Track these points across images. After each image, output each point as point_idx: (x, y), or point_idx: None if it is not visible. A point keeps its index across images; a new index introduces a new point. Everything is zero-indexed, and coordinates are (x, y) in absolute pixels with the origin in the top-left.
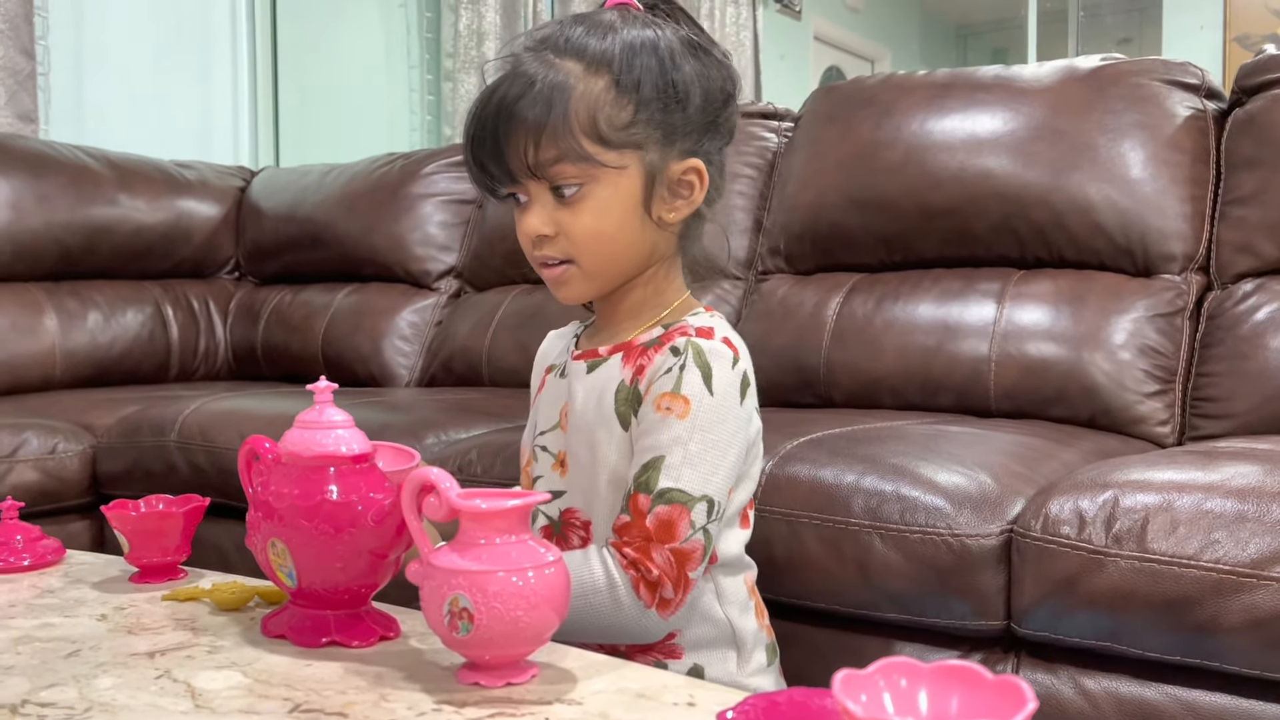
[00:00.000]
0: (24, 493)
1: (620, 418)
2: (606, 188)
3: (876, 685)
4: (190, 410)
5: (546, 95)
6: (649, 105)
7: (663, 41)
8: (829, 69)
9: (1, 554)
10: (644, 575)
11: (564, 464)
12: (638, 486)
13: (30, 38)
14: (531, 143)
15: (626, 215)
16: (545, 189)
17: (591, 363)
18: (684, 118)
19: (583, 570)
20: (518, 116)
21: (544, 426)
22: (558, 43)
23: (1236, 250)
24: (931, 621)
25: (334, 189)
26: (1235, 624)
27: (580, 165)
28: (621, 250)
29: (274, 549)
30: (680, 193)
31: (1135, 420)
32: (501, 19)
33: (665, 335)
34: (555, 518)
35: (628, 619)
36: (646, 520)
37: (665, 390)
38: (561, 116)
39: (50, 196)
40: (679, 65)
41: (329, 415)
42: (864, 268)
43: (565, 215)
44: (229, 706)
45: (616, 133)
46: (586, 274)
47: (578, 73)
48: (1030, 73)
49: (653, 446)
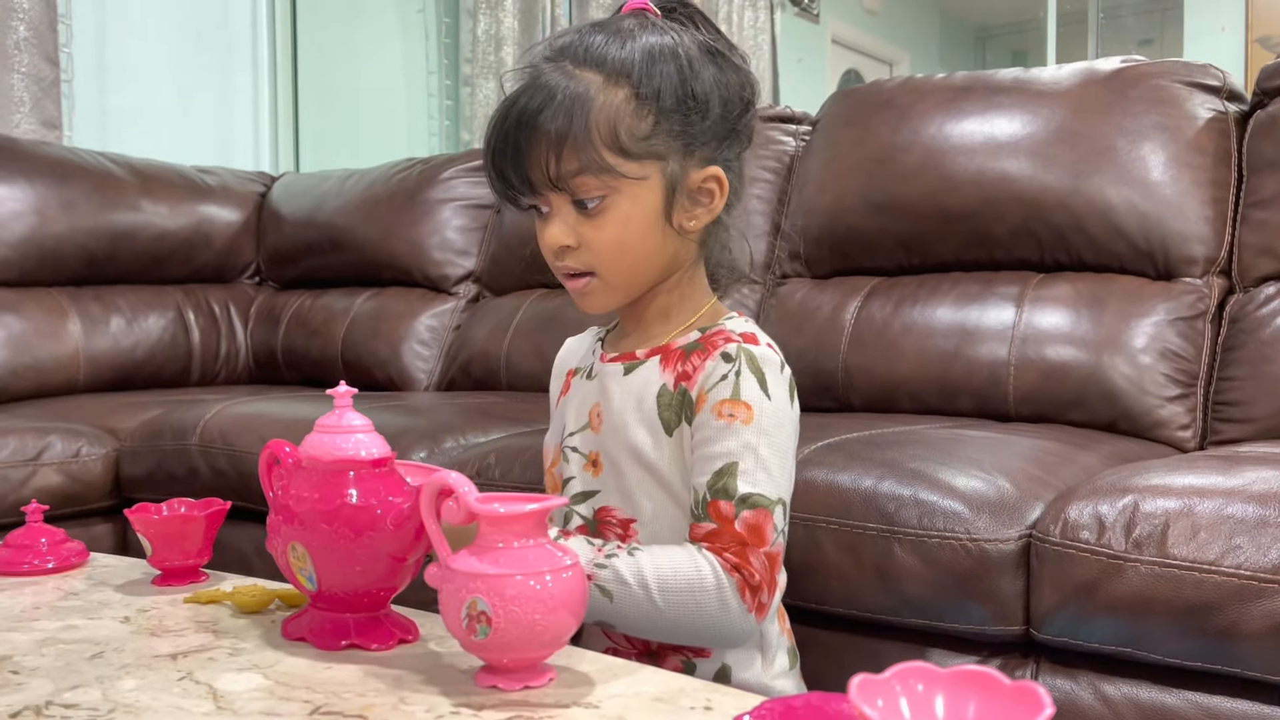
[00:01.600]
0: (48, 496)
1: (664, 422)
2: (628, 199)
3: (893, 690)
4: (212, 414)
5: (567, 107)
6: (669, 115)
7: (682, 49)
8: (847, 72)
9: (26, 557)
10: (747, 580)
11: (596, 464)
12: (715, 494)
13: (54, 46)
14: (553, 155)
15: (648, 226)
16: (567, 200)
17: (629, 365)
18: (704, 126)
19: (689, 567)
20: (539, 129)
21: (573, 428)
22: (577, 52)
23: (1258, 253)
24: (950, 627)
25: (353, 194)
26: (1256, 630)
27: (602, 177)
28: (643, 260)
29: (294, 552)
30: (701, 201)
31: (1156, 425)
32: (519, 24)
33: (706, 340)
34: (590, 516)
35: (733, 620)
36: (735, 525)
37: (724, 397)
38: (583, 129)
39: (74, 202)
40: (698, 73)
41: (349, 419)
42: (882, 271)
43: (587, 227)
44: (250, 708)
45: (637, 143)
46: (609, 285)
47: (598, 84)
48: (1049, 75)
49: (722, 453)
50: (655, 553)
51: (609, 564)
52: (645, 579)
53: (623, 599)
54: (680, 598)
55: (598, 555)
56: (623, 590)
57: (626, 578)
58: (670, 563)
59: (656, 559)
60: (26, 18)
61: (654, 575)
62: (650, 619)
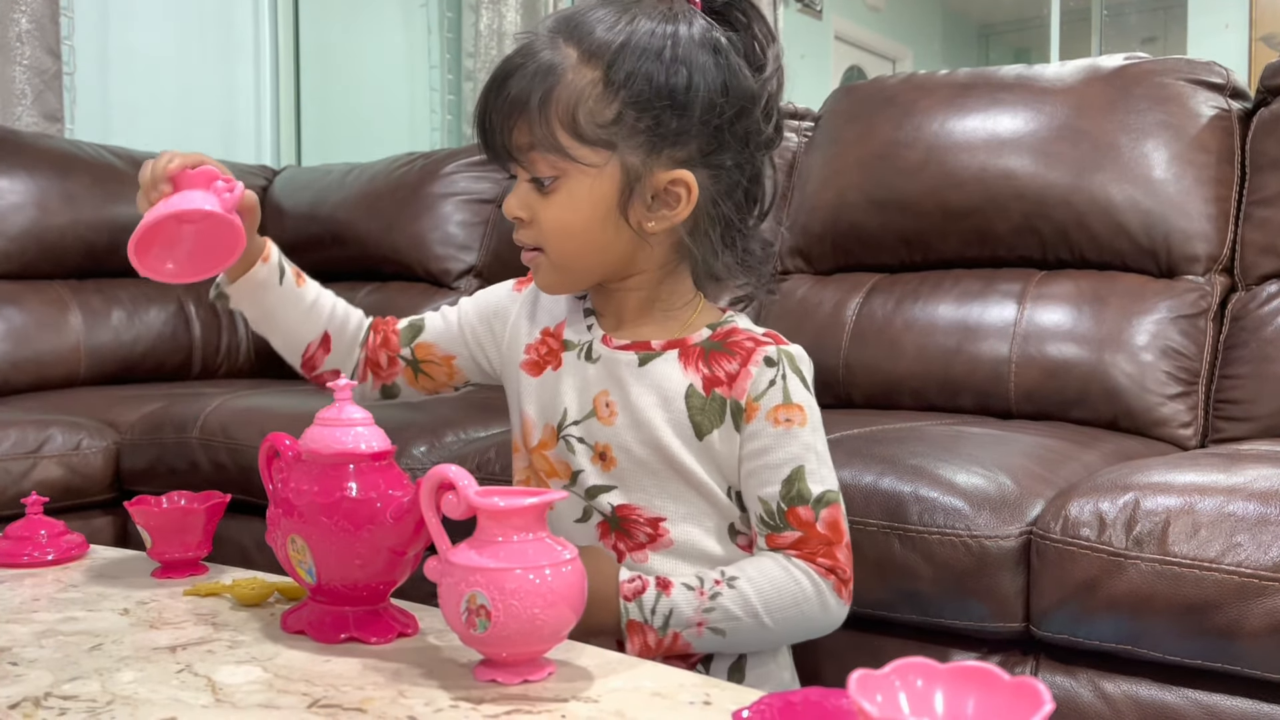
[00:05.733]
0: (48, 488)
1: (695, 425)
2: (580, 184)
3: (892, 686)
4: (212, 407)
5: (530, 78)
6: (637, 107)
7: (675, 41)
8: (850, 68)
9: (26, 549)
10: (841, 577)
11: (605, 458)
12: (791, 501)
13: (56, 38)
14: (508, 125)
15: (596, 215)
16: (527, 174)
17: (644, 356)
18: (678, 125)
19: (788, 582)
20: (503, 95)
21: (576, 416)
22: (570, 24)
23: (1261, 251)
24: (950, 623)
25: (355, 188)
26: (1257, 628)
27: (550, 156)
28: (590, 249)
29: (294, 545)
30: (667, 202)
31: (1157, 422)
32: (522, 18)
33: (729, 342)
34: (609, 514)
35: (832, 617)
36: (818, 528)
37: (777, 403)
38: (540, 103)
39: (76, 195)
40: (681, 69)
41: (349, 413)
42: (884, 268)
43: (539, 203)
44: (249, 701)
45: (595, 129)
46: (554, 266)
47: (572, 61)
48: (1053, 72)
49: (787, 460)
50: (753, 576)
51: (715, 604)
52: (753, 607)
53: (735, 632)
54: (787, 614)
55: (702, 600)
56: (734, 625)
57: (736, 613)
58: (771, 584)
59: (758, 584)
60: (28, 10)
61: (760, 601)
62: (761, 639)
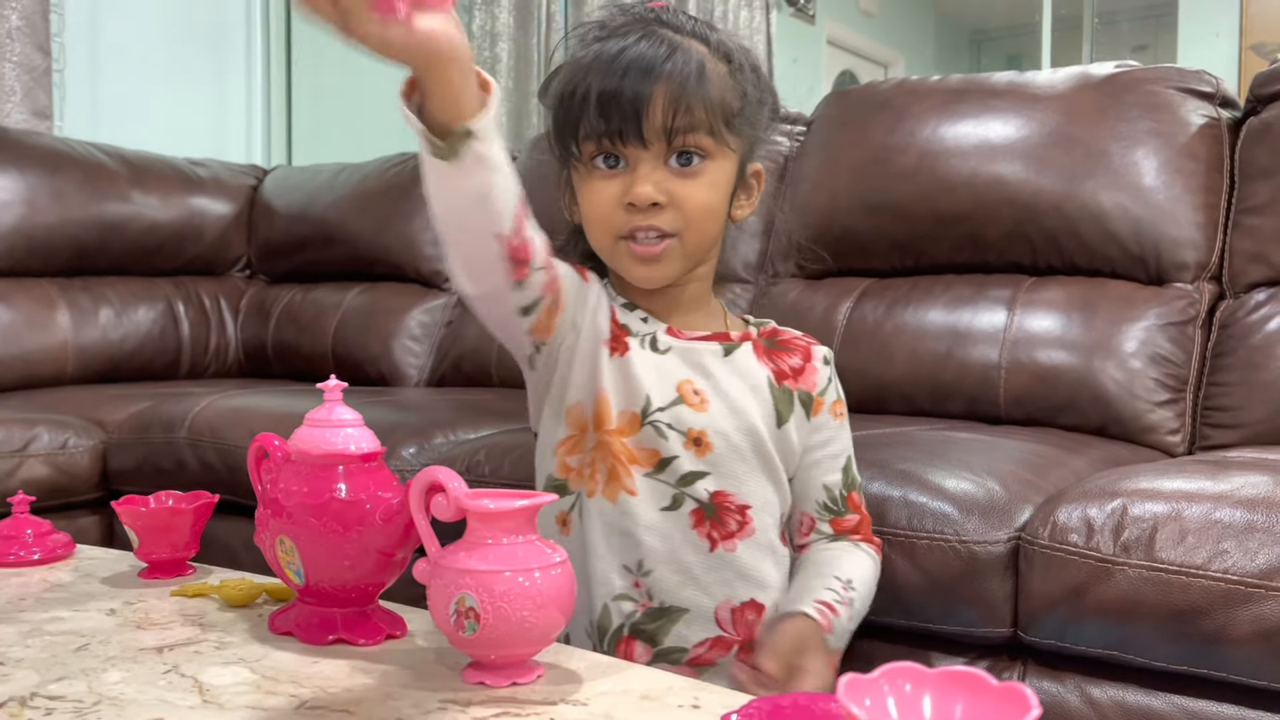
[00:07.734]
0: (35, 487)
1: (778, 414)
2: (720, 168)
3: (881, 690)
4: (201, 407)
5: (694, 62)
6: (750, 101)
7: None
8: (842, 73)
9: (12, 548)
10: (879, 548)
11: (700, 443)
12: (849, 487)
13: (46, 35)
14: (675, 106)
15: (724, 200)
16: (662, 157)
17: (727, 346)
18: (763, 119)
19: (873, 571)
20: (665, 76)
21: (661, 403)
22: (673, 22)
23: (1249, 259)
24: (938, 628)
25: (346, 189)
26: (1243, 634)
27: (709, 139)
28: (714, 235)
29: (282, 546)
30: (751, 192)
31: (1146, 429)
32: (515, 20)
33: (782, 340)
34: (706, 500)
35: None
36: (864, 509)
37: (835, 398)
38: (708, 87)
39: (64, 193)
40: (761, 67)
41: (338, 414)
42: (875, 273)
43: (681, 185)
44: (236, 702)
45: (732, 119)
46: (685, 252)
47: (705, 53)
48: (1044, 79)
49: (843, 450)
50: (862, 577)
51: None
52: (864, 601)
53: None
54: (870, 596)
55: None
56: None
57: (859, 609)
58: (862, 581)
59: (864, 582)
60: (19, 6)
61: (865, 594)
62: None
